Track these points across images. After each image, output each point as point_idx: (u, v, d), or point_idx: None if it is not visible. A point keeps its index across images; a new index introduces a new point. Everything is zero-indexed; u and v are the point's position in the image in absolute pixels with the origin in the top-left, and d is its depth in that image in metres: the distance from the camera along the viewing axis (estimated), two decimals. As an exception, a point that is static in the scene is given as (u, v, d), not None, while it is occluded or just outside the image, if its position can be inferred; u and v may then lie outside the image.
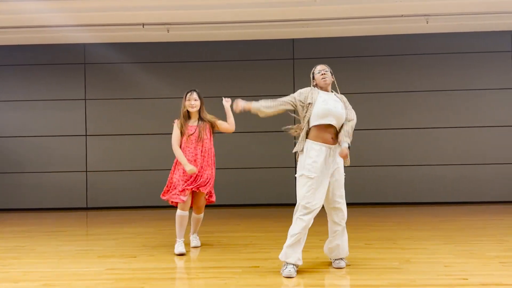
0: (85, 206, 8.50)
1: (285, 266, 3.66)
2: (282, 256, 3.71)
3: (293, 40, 8.48)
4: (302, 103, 3.80)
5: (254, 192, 8.38)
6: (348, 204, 3.90)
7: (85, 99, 8.58)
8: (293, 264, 3.66)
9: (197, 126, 4.73)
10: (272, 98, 3.89)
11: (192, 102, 4.74)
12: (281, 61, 8.47)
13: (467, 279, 3.49)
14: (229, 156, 8.20)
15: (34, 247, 5.05)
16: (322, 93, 3.83)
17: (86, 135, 8.55)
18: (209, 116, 4.82)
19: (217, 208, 5.12)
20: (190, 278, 3.70)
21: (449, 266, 3.87)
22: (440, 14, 7.39)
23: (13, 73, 8.62)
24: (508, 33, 8.25)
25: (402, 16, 7.41)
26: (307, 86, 3.92)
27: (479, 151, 8.24)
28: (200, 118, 4.77)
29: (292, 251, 3.66)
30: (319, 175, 3.64)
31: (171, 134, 4.85)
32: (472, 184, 8.23)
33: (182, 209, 4.64)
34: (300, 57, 8.42)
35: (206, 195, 4.80)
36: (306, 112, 3.77)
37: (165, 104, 8.47)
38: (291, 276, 3.59)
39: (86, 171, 8.52)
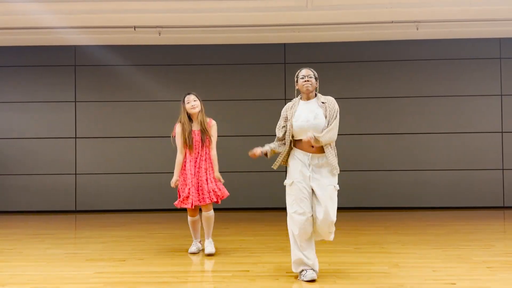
0: (74, 209, 8.44)
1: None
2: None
3: (284, 45, 8.50)
4: (285, 120, 3.80)
5: (243, 196, 8.37)
6: (337, 208, 3.90)
7: (75, 101, 8.53)
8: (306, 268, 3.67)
9: (199, 130, 4.67)
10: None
11: (192, 103, 4.65)
12: (272, 65, 8.49)
13: (455, 283, 3.52)
14: (219, 160, 8.17)
15: (21, 250, 5.00)
16: (301, 104, 3.78)
17: (75, 138, 8.50)
18: (206, 125, 4.72)
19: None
20: (179, 282, 3.69)
21: (437, 271, 3.90)
22: (430, 20, 7.46)
23: (2, 74, 8.54)
24: (497, 40, 8.35)
25: (392, 22, 7.47)
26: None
27: (468, 156, 8.31)
28: (201, 122, 4.67)
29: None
30: (299, 181, 3.66)
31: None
32: (460, 189, 8.29)
33: (192, 216, 4.73)
34: (291, 61, 8.45)
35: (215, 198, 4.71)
36: (287, 127, 3.76)
37: (155, 107, 8.45)
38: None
39: (75, 174, 8.46)
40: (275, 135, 3.89)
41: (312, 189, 3.66)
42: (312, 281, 3.58)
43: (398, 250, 4.77)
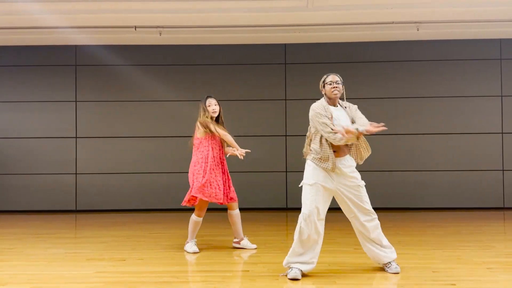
0: (74, 208, 8.44)
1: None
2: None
3: (285, 45, 8.50)
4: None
5: (243, 196, 8.35)
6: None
7: (75, 101, 8.53)
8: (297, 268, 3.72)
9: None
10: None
11: (213, 107, 4.86)
12: (273, 65, 8.50)
13: (454, 284, 3.52)
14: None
15: (22, 250, 5.00)
16: (332, 109, 3.83)
17: (76, 137, 8.50)
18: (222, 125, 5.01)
19: (207, 211, 5.13)
20: (179, 282, 3.69)
21: (437, 272, 3.90)
22: (430, 21, 7.47)
23: (2, 74, 8.55)
24: (497, 41, 8.35)
25: (393, 23, 7.48)
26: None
27: (468, 157, 8.32)
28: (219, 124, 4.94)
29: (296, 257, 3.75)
30: (323, 183, 3.69)
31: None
32: (460, 190, 8.30)
33: (200, 216, 4.84)
34: (291, 62, 8.45)
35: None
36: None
37: (155, 107, 8.46)
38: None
39: (76, 173, 8.47)
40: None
41: (338, 191, 3.73)
42: (295, 279, 3.64)
43: (398, 251, 4.74)
